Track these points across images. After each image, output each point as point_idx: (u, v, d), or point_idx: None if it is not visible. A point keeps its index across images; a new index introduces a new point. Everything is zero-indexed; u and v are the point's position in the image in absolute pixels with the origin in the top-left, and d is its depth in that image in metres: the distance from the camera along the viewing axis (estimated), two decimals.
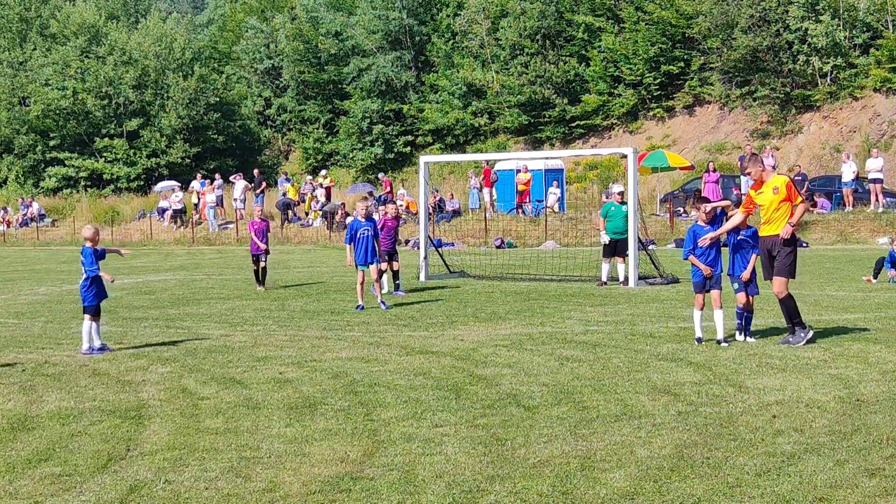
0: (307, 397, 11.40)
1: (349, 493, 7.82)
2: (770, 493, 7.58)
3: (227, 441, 9.50)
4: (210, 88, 70.09)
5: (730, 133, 55.01)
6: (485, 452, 8.88)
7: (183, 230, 53.34)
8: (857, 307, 18.87)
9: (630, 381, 11.88)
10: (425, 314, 19.36)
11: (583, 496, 7.62)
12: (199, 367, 13.66)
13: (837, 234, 38.64)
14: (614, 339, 15.29)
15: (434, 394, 11.43)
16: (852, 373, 12.14)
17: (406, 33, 67.31)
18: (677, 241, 38.55)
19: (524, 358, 13.78)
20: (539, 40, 61.39)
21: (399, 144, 65.73)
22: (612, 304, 20.44)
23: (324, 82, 70.88)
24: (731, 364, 12.93)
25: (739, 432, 9.40)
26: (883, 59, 50.14)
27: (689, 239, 14.79)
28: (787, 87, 53.10)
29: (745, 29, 52.42)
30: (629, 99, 58.19)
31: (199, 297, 24.06)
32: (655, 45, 57.31)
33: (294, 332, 17.20)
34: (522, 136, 62.27)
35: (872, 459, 8.39)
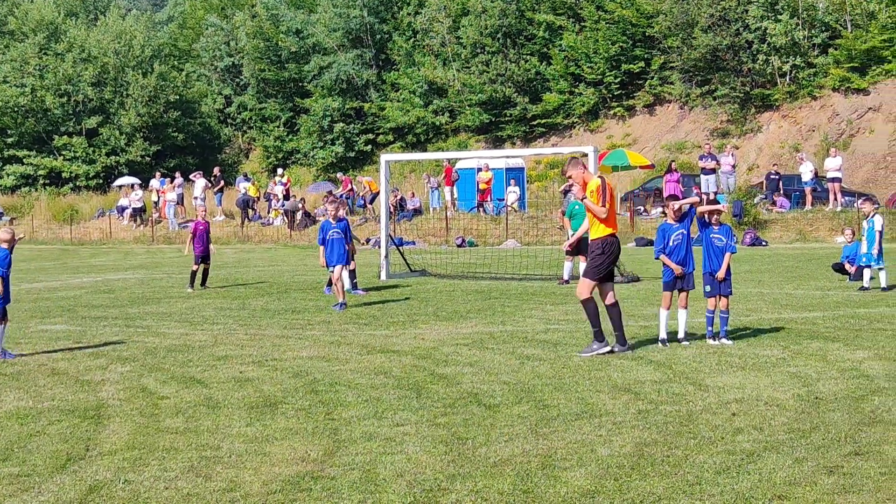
0: (268, 396, 11.36)
1: (310, 492, 7.80)
2: (730, 490, 7.63)
3: (187, 440, 9.45)
4: (170, 86, 69.71)
5: (690, 132, 55.30)
6: (446, 451, 8.88)
7: (143, 229, 53.01)
8: (815, 306, 19.02)
9: (590, 380, 11.92)
10: (386, 313, 19.34)
11: (543, 495, 7.63)
12: (159, 366, 13.58)
13: (796, 233, 38.93)
14: (575, 338, 15.33)
15: (395, 393, 11.42)
16: (811, 371, 12.24)
17: (367, 31, 67.20)
18: (638, 239, 38.71)
19: (485, 357, 13.79)
20: (500, 39, 61.47)
21: (360, 143, 65.61)
22: (573, 302, 20.46)
23: (284, 80, 70.64)
24: (691, 362, 12.99)
25: (699, 430, 9.45)
26: (841, 58, 50.56)
27: (659, 238, 14.70)
28: (747, 86, 53.45)
29: (705, 28, 52.73)
30: (590, 98, 58.35)
31: (158, 295, 23.93)
32: (616, 43, 57.51)
33: (255, 331, 17.14)
34: (483, 134, 62.32)
35: (831, 457, 8.46)
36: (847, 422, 9.65)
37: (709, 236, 14.71)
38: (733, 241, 14.85)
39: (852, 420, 9.71)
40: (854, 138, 49.12)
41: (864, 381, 11.52)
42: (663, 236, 14.58)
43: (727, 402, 10.60)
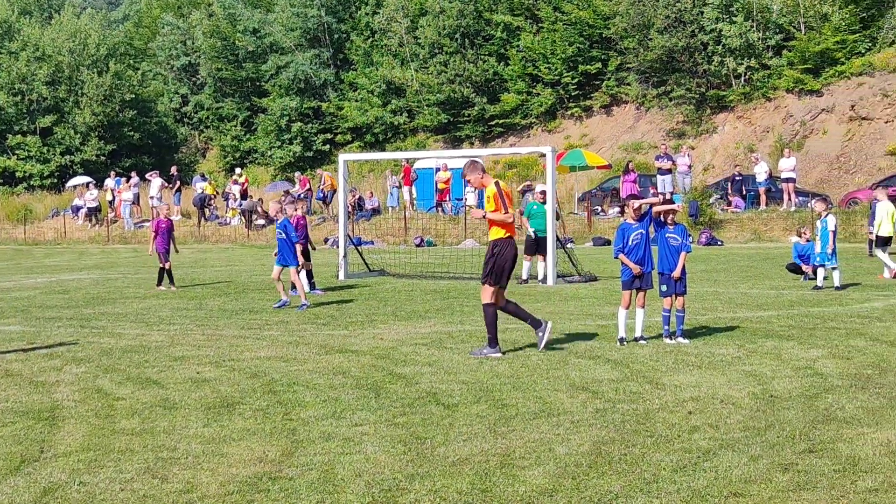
0: (225, 397, 11.30)
1: (268, 493, 7.77)
2: (686, 488, 7.67)
3: (143, 442, 9.38)
4: (125, 85, 69.24)
5: (646, 132, 55.58)
6: (404, 451, 8.87)
7: (98, 228, 52.61)
8: (770, 305, 19.16)
9: (548, 379, 11.94)
10: (344, 313, 19.30)
11: (502, 494, 7.64)
12: (115, 367, 13.48)
13: (751, 233, 39.22)
14: (532, 337, 15.36)
15: (353, 393, 11.39)
16: (766, 369, 12.33)
17: (325, 31, 67.03)
18: (595, 239, 38.87)
19: (444, 356, 13.80)
20: (458, 39, 61.52)
21: (318, 142, 65.44)
22: (530, 301, 20.53)
23: (241, 80, 70.35)
24: (648, 361, 13.05)
25: (656, 429, 9.49)
26: (795, 60, 50.98)
27: (618, 237, 14.72)
28: (703, 87, 53.78)
29: (661, 30, 53.01)
30: (547, 98, 58.51)
31: (114, 296, 23.75)
32: (573, 44, 57.70)
33: (212, 331, 17.05)
34: (442, 134, 62.35)
35: (786, 455, 8.52)
36: (801, 420, 9.73)
37: (664, 236, 14.77)
38: (688, 241, 14.94)
39: (806, 418, 9.79)
40: (808, 139, 49.55)
41: (818, 380, 11.62)
42: (622, 236, 14.63)
43: (683, 401, 10.66)
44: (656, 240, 14.96)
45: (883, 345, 13.99)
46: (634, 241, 14.53)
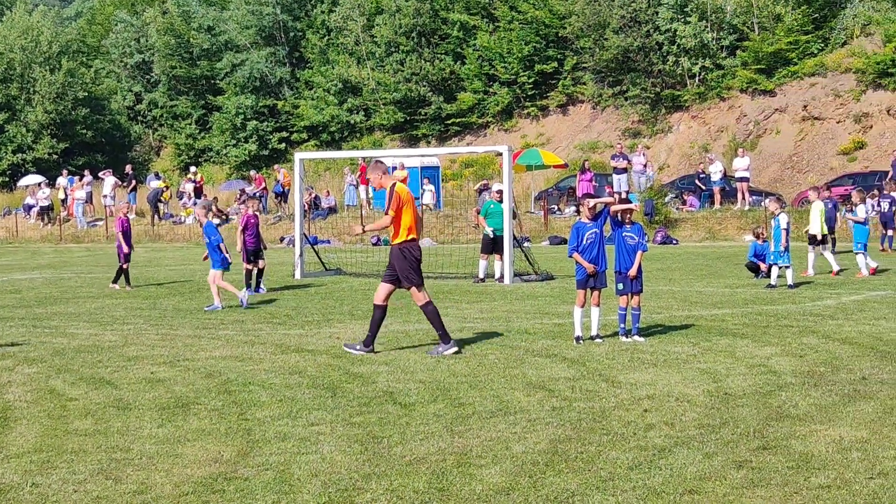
0: (180, 397, 11.24)
1: (223, 493, 7.73)
2: (642, 486, 7.70)
3: (96, 442, 9.30)
4: (78, 83, 68.63)
5: (602, 132, 55.81)
6: (361, 450, 8.85)
7: (50, 227, 52.08)
8: (724, 303, 19.29)
9: (505, 378, 11.96)
10: (301, 312, 19.24)
11: (458, 492, 7.64)
12: (68, 367, 13.36)
13: (706, 232, 39.45)
14: (490, 336, 15.38)
15: (309, 392, 11.36)
16: (720, 367, 12.41)
17: (280, 29, 66.81)
18: (552, 238, 38.97)
19: (400, 355, 13.78)
20: (414, 38, 61.50)
21: (274, 141, 65.19)
22: (487, 300, 20.57)
23: (196, 77, 69.97)
24: (604, 359, 13.10)
25: (612, 427, 9.53)
26: (749, 60, 51.37)
27: (573, 236, 14.75)
28: (658, 87, 54.07)
29: (617, 29, 53.24)
30: (504, 97, 58.61)
31: (67, 295, 23.54)
32: (529, 44, 57.82)
33: (166, 330, 16.94)
34: (398, 133, 62.31)
35: (740, 452, 8.58)
36: (755, 417, 9.80)
37: (621, 235, 14.81)
38: (645, 240, 15.00)
39: (760, 415, 9.86)
40: (761, 139, 49.96)
41: (772, 377, 11.71)
42: (577, 235, 14.65)
43: (639, 399, 10.70)
44: (613, 239, 15.01)
45: (835, 342, 14.12)
46: (589, 240, 14.56)
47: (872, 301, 18.85)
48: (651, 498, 7.44)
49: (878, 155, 44.54)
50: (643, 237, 14.96)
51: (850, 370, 12.05)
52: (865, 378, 11.55)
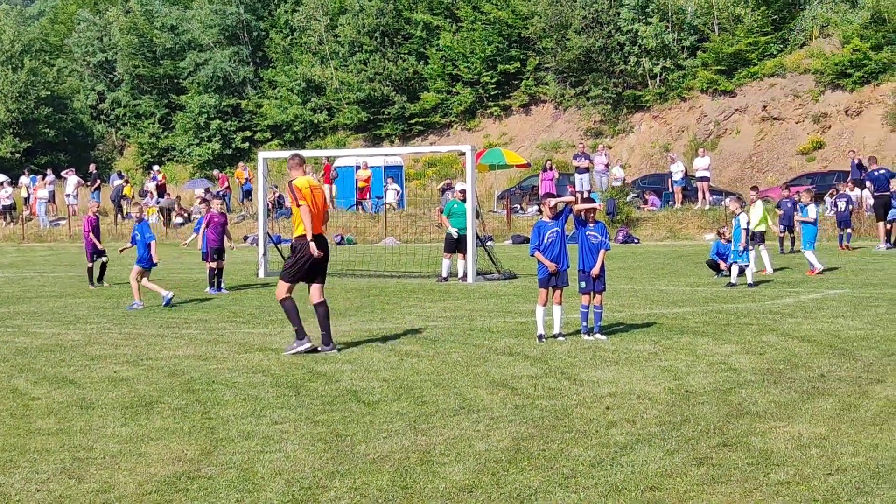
0: (143, 396, 11.18)
1: (186, 492, 7.70)
2: (604, 483, 7.73)
3: (59, 442, 9.25)
4: (41, 82, 68.06)
5: (564, 132, 55.92)
6: (325, 449, 8.84)
7: (12, 227, 51.59)
8: (685, 301, 19.38)
9: (468, 376, 11.98)
10: (264, 311, 19.18)
11: (422, 490, 7.65)
12: (30, 366, 13.26)
13: (667, 231, 39.61)
14: (453, 335, 15.39)
15: (273, 391, 11.33)
16: (681, 365, 12.47)
17: (244, 28, 66.53)
18: (514, 237, 39.02)
19: (364, 354, 13.77)
20: (378, 38, 61.41)
21: (237, 140, 64.91)
22: (451, 299, 20.58)
23: (159, 77, 69.56)
24: (567, 357, 13.14)
25: (574, 424, 9.56)
26: (709, 61, 51.63)
27: (534, 235, 14.76)
28: (619, 87, 54.23)
29: (579, 30, 53.35)
30: (467, 97, 58.62)
31: (30, 295, 23.36)
32: (492, 44, 57.84)
33: (129, 329, 16.84)
34: (362, 132, 62.18)
35: (700, 449, 8.63)
36: (716, 414, 9.86)
37: (584, 234, 14.85)
38: (607, 239, 15.05)
39: (720, 412, 9.92)
40: (721, 139, 50.22)
41: (732, 375, 11.78)
42: (538, 234, 14.67)
43: (601, 396, 10.74)
44: (576, 237, 15.04)
45: (794, 340, 14.23)
46: (550, 239, 14.58)
47: (831, 299, 19.00)
48: (613, 495, 7.47)
49: (836, 155, 44.89)
50: (606, 236, 15.00)
51: (808, 368, 12.14)
52: (824, 375, 11.64)
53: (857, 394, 10.66)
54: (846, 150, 44.53)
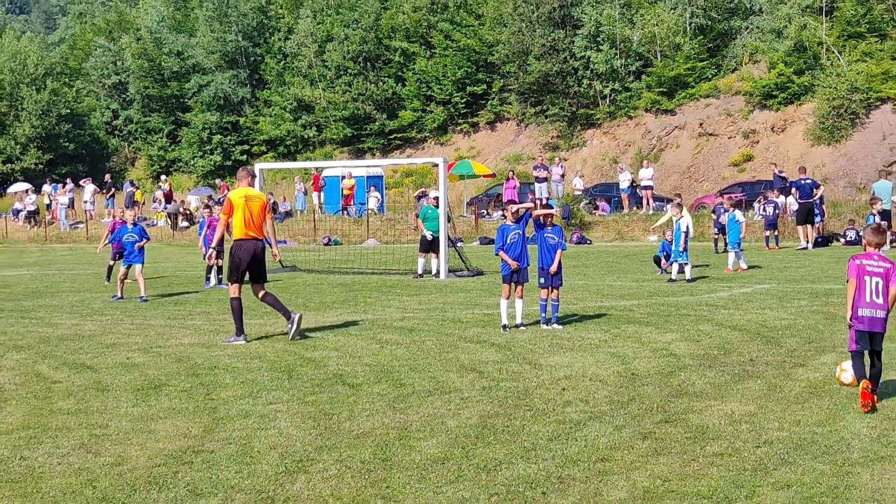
0: (152, 380, 11.12)
1: (191, 464, 7.67)
2: (560, 455, 7.74)
3: (78, 420, 9.19)
4: (61, 101, 67.75)
5: (525, 145, 55.95)
6: (314, 426, 8.82)
7: (36, 230, 51.23)
8: (631, 295, 19.44)
9: (441, 361, 11.97)
10: (260, 304, 19.05)
11: (400, 462, 7.64)
12: (52, 353, 13.17)
13: (615, 233, 39.70)
14: (428, 325, 15.38)
15: (268, 375, 11.29)
16: (628, 351, 12.50)
17: (242, 54, 66.28)
18: (481, 238, 39.03)
19: (349, 342, 13.74)
20: (361, 62, 61.30)
21: (236, 153, 64.64)
22: (425, 294, 20.57)
23: (167, 96, 69.19)
24: (528, 345, 13.15)
25: (534, 403, 9.57)
26: (653, 83, 51.77)
27: (498, 237, 14.78)
28: (574, 106, 54.29)
29: (538, 56, 53.39)
30: (440, 115, 58.60)
31: (51, 290, 23.19)
32: (462, 68, 57.85)
33: (140, 321, 16.75)
34: (347, 146, 62.05)
35: (645, 424, 8.65)
36: (658, 394, 9.89)
37: (543, 236, 14.90)
38: (563, 240, 15.09)
39: (663, 393, 9.96)
40: (663, 152, 50.35)
41: (673, 360, 11.82)
42: (502, 235, 14.70)
43: (558, 379, 10.76)
44: (536, 239, 15.07)
45: (727, 329, 14.29)
46: (512, 240, 14.62)
47: (759, 293, 19.10)
48: (568, 465, 7.48)
49: (763, 166, 45.06)
50: (562, 238, 15.04)
51: (739, 353, 12.20)
52: (753, 360, 11.70)
53: (782, 376, 10.71)
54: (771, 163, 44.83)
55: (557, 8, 54.20)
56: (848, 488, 6.86)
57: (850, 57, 45.73)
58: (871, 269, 9.39)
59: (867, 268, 9.40)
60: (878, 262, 9.42)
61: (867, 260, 9.45)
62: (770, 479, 7.09)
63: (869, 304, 9.35)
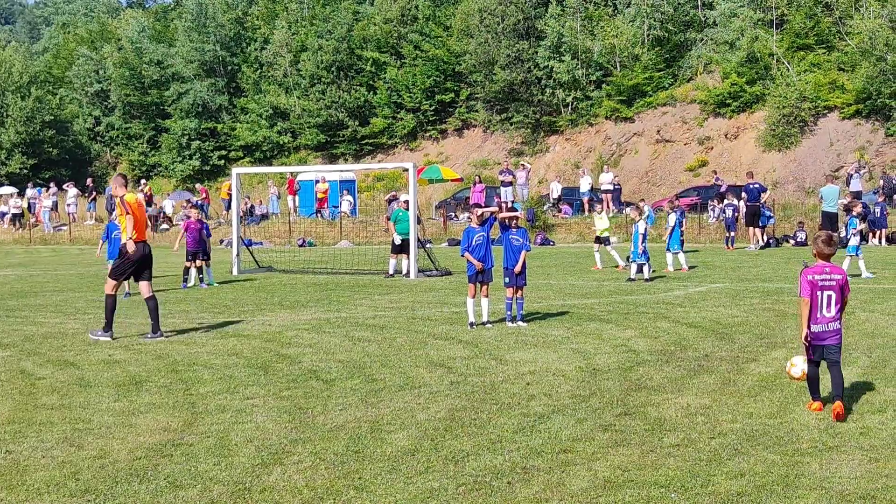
0: (133, 376, 11.04)
1: (171, 457, 7.62)
2: (525, 446, 7.75)
3: (61, 415, 9.11)
4: (45, 108, 67.18)
5: (492, 151, 56.03)
6: (289, 420, 8.79)
7: (21, 232, 50.75)
8: (592, 293, 19.49)
9: (411, 357, 11.96)
10: (238, 303, 19.02)
11: (372, 454, 7.63)
12: (36, 350, 13.05)
13: (577, 235, 39.82)
14: (398, 322, 15.37)
15: (245, 371, 11.24)
16: (589, 347, 12.54)
17: (220, 63, 66.00)
18: (449, 240, 39.03)
19: (323, 339, 13.71)
20: (334, 71, 61.18)
21: (214, 158, 64.38)
22: (396, 293, 20.54)
23: (147, 104, 68.75)
24: (494, 341, 13.16)
25: (500, 397, 9.58)
26: (612, 92, 51.99)
27: (464, 239, 14.79)
28: (537, 114, 54.42)
29: (504, 66, 53.50)
30: (409, 122, 58.57)
31: (35, 290, 22.97)
32: (431, 77, 57.88)
33: (122, 319, 16.60)
34: (321, 151, 61.89)
35: (605, 417, 8.68)
36: (618, 388, 9.92)
37: (508, 237, 14.91)
38: (528, 241, 15.12)
39: (622, 387, 9.99)
40: (623, 158, 50.58)
41: (632, 355, 11.87)
42: (467, 237, 14.71)
43: (522, 374, 10.77)
44: (501, 240, 15.09)
45: (683, 326, 14.37)
46: (477, 241, 14.63)
47: (713, 292, 19.21)
48: (532, 456, 7.49)
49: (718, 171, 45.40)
50: (527, 239, 15.07)
51: (695, 349, 12.27)
52: (708, 355, 11.77)
53: (736, 371, 10.78)
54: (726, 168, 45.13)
55: (522, 20, 54.37)
56: (798, 477, 6.92)
57: (799, 67, 46.18)
58: (824, 283, 8.87)
59: (819, 283, 8.86)
60: (831, 275, 8.90)
61: (819, 275, 8.90)
62: (724, 468, 7.14)
63: (820, 320, 8.85)
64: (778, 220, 35.42)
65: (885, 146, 42.86)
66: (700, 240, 35.69)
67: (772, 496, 6.52)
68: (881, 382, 9.99)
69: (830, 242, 9.13)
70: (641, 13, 52.50)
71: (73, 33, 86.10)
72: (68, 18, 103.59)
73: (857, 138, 43.77)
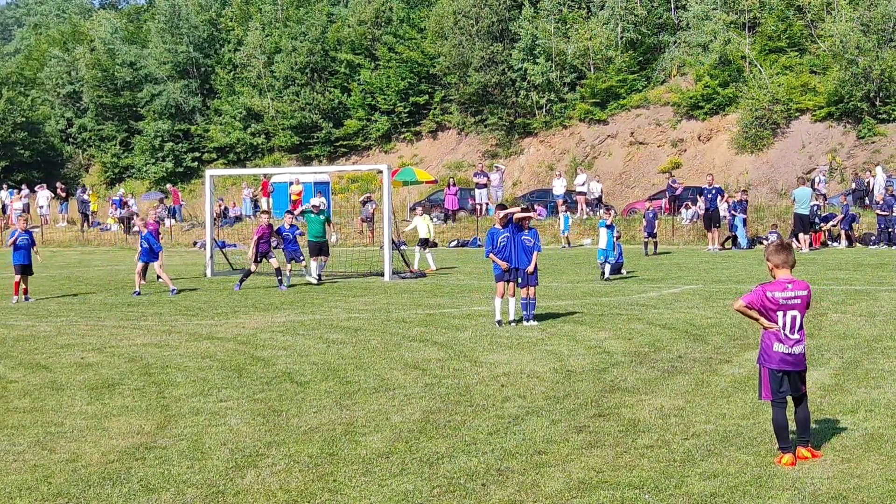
0: (106, 379, 10.97)
1: (144, 460, 7.58)
2: (499, 448, 7.76)
3: (33, 418, 9.04)
4: (17, 109, 66.61)
5: (466, 153, 56.05)
6: (263, 422, 8.76)
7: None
8: (567, 295, 19.55)
9: (386, 359, 11.95)
10: (211, 305, 18.93)
11: (346, 457, 7.61)
12: (7, 354, 12.94)
13: (551, 236, 39.90)
14: (373, 324, 15.35)
15: (219, 373, 11.20)
16: (564, 348, 12.57)
17: (193, 64, 65.71)
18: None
19: (297, 341, 13.67)
20: (308, 73, 61.03)
21: (188, 160, 64.06)
22: (370, 294, 20.51)
23: (120, 105, 68.31)
24: (469, 343, 13.17)
25: (475, 399, 9.58)
26: (586, 95, 52.12)
27: (488, 241, 14.96)
28: (511, 116, 54.48)
29: (478, 68, 53.54)
30: (384, 124, 58.51)
31: (6, 293, 22.77)
32: (405, 79, 57.83)
33: (94, 322, 16.51)
34: (295, 153, 61.70)
35: (580, 419, 8.71)
36: (592, 390, 9.95)
37: (520, 238, 14.98)
38: (539, 242, 15.24)
39: (596, 388, 10.02)
40: (596, 160, 50.71)
41: (606, 357, 11.91)
42: (491, 240, 14.91)
43: (497, 376, 10.79)
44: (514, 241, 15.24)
45: (657, 327, 14.43)
46: (502, 242, 14.82)
47: (687, 293, 19.30)
48: (507, 458, 7.50)
49: (691, 173, 45.57)
50: (538, 240, 15.21)
51: (669, 350, 12.32)
52: (681, 357, 11.82)
53: (709, 372, 10.84)
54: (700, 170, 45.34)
55: (496, 22, 54.44)
56: (770, 477, 6.96)
57: (772, 70, 46.47)
58: (787, 303, 7.47)
59: (781, 301, 7.44)
60: (795, 292, 7.50)
61: (780, 292, 7.47)
62: (698, 469, 7.17)
63: (784, 341, 7.47)
64: (751, 221, 35.61)
65: (856, 148, 43.22)
66: (674, 241, 35.86)
67: (745, 497, 6.56)
68: (853, 383, 10.07)
69: (782, 248, 7.71)
70: (615, 16, 52.66)
71: (45, 34, 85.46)
72: (40, 19, 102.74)
73: (828, 141, 44.11)
